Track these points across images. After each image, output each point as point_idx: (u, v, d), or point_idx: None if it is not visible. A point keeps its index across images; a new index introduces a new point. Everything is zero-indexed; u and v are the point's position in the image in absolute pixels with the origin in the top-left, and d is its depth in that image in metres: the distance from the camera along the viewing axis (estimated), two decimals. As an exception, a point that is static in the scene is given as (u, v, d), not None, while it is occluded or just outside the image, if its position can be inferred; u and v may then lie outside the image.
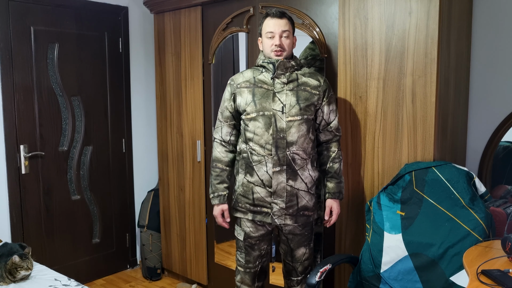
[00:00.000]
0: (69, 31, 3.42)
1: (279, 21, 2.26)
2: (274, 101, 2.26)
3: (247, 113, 2.31)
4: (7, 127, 3.17)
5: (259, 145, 2.28)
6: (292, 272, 2.48)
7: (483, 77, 2.52)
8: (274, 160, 2.26)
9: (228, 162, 2.43)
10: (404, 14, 2.24)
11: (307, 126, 2.29)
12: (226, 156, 2.42)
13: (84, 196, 3.64)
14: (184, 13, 3.29)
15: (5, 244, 2.63)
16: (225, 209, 2.43)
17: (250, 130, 2.30)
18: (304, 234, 2.41)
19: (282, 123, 2.25)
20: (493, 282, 1.58)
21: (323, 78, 2.36)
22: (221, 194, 2.42)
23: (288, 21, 2.29)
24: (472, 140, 2.59)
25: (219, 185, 2.42)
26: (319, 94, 2.30)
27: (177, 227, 3.57)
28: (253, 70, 2.38)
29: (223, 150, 2.43)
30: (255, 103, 2.29)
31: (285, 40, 2.28)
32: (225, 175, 2.42)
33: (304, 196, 2.33)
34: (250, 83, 2.34)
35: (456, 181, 2.11)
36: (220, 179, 2.42)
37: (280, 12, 2.29)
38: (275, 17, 2.27)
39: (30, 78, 3.25)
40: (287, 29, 2.27)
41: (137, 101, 3.89)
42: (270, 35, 2.27)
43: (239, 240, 2.46)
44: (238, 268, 2.52)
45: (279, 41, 2.26)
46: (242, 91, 2.34)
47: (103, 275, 3.81)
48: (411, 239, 2.11)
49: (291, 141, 2.26)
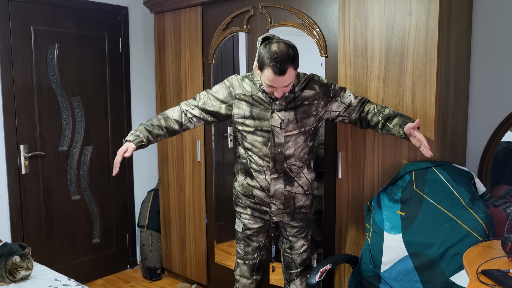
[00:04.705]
0: (69, 31, 3.42)
1: (282, 78, 2.04)
2: (273, 117, 2.22)
3: (245, 125, 2.29)
4: (7, 127, 3.17)
5: (258, 156, 2.30)
6: (291, 264, 2.51)
7: (483, 77, 2.52)
8: (272, 171, 2.29)
9: (171, 128, 2.33)
10: (404, 14, 2.24)
11: (304, 136, 2.28)
12: (175, 124, 2.34)
13: (84, 196, 3.64)
14: (184, 13, 3.29)
15: (5, 244, 2.63)
16: (131, 149, 2.24)
17: (248, 142, 2.31)
18: (302, 226, 2.46)
19: (280, 138, 2.24)
20: (493, 282, 1.58)
21: (318, 84, 2.26)
22: (140, 138, 2.27)
23: (292, 71, 2.06)
24: (472, 140, 2.59)
25: (145, 132, 2.29)
26: (318, 102, 2.25)
27: (177, 227, 3.57)
28: (251, 84, 2.27)
29: (177, 119, 2.34)
30: (253, 118, 2.26)
31: (287, 88, 2.12)
32: (157, 132, 2.31)
33: (301, 198, 2.38)
34: (248, 98, 2.26)
35: (456, 181, 2.11)
36: (152, 130, 2.30)
37: (283, 67, 2.01)
38: (276, 75, 2.03)
39: (30, 78, 3.25)
40: (289, 82, 2.09)
41: (137, 101, 3.89)
42: (271, 85, 2.09)
43: (238, 232, 2.50)
44: (237, 261, 2.56)
45: (280, 94, 2.12)
46: (240, 104, 2.28)
47: (103, 275, 3.81)
48: (411, 239, 2.11)
49: (289, 154, 2.27)
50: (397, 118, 2.16)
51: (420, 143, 2.07)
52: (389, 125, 2.16)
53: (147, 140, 2.30)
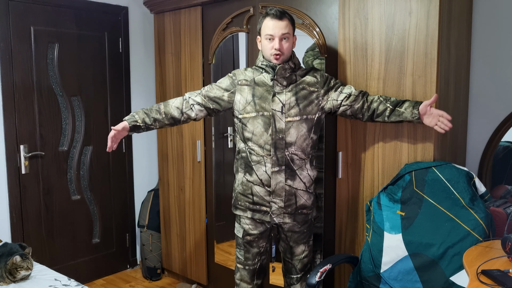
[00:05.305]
0: (69, 31, 3.42)
1: (279, 23, 2.21)
2: (274, 101, 2.26)
3: (246, 112, 2.31)
4: (7, 127, 3.17)
5: (258, 145, 2.29)
6: (292, 269, 2.49)
7: (483, 77, 2.52)
8: (273, 161, 2.27)
9: (170, 114, 2.37)
10: (404, 14, 2.24)
11: (307, 126, 2.28)
12: (175, 110, 2.37)
13: (84, 196, 3.64)
14: (184, 13, 3.29)
15: (5, 244, 2.63)
16: (125, 128, 2.36)
17: (249, 130, 2.30)
18: (303, 232, 2.42)
19: (281, 123, 2.25)
20: (493, 282, 1.58)
21: (319, 73, 2.34)
22: (135, 118, 2.36)
23: (288, 22, 2.24)
24: (472, 140, 2.59)
25: (141, 114, 2.36)
26: (318, 91, 2.30)
27: (177, 227, 3.57)
28: (253, 71, 2.37)
29: (178, 105, 2.38)
30: (254, 102, 2.29)
31: (285, 43, 2.24)
32: (155, 116, 2.36)
33: (302, 195, 2.34)
34: (250, 82, 2.33)
35: (456, 181, 2.10)
36: (149, 113, 2.36)
37: (281, 12, 2.23)
38: (275, 18, 2.21)
39: (30, 78, 3.25)
40: (287, 32, 2.23)
41: (137, 101, 3.89)
42: (270, 37, 2.24)
43: (238, 237, 2.47)
44: (237, 266, 2.53)
45: (278, 45, 2.22)
46: (242, 89, 2.34)
47: (103, 275, 3.82)
48: (411, 239, 2.11)
49: (290, 141, 2.26)
50: (407, 102, 2.19)
51: (437, 119, 2.10)
52: (399, 109, 2.18)
53: (143, 122, 2.35)
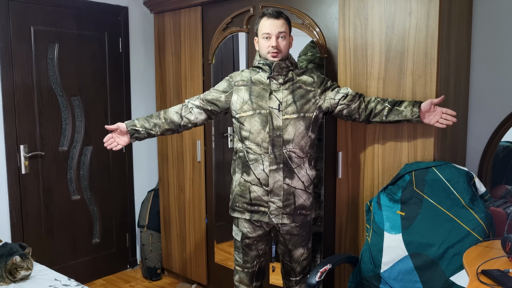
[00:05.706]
0: (69, 31, 3.42)
1: (276, 21, 2.25)
2: (271, 99, 2.28)
3: (243, 111, 2.31)
4: (7, 127, 3.17)
5: (255, 143, 2.29)
6: (291, 272, 2.48)
7: (483, 77, 2.52)
8: (271, 159, 2.27)
9: (169, 119, 2.40)
10: (404, 14, 2.24)
11: (305, 123, 2.29)
12: (174, 115, 2.41)
13: (84, 196, 3.64)
14: (184, 13, 3.29)
15: (5, 244, 2.63)
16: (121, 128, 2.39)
17: (246, 129, 2.31)
18: (302, 235, 2.41)
19: (279, 121, 2.26)
20: (493, 282, 1.58)
21: (316, 74, 2.36)
22: (134, 122, 2.40)
23: (285, 22, 2.28)
24: (472, 140, 2.59)
25: (142, 120, 2.40)
26: (315, 90, 2.31)
27: (177, 227, 3.57)
28: (250, 71, 2.40)
29: (177, 110, 2.42)
30: (251, 101, 2.30)
31: (282, 41, 2.27)
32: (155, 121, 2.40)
33: (301, 195, 2.33)
34: (247, 82, 2.35)
35: (456, 181, 2.10)
36: (149, 119, 2.41)
37: (277, 12, 2.27)
38: (271, 18, 2.25)
39: (30, 78, 3.25)
40: (284, 30, 2.26)
41: (137, 101, 3.89)
42: (267, 36, 2.27)
43: (236, 240, 2.47)
44: (236, 268, 2.52)
45: (275, 42, 2.25)
46: (239, 89, 2.36)
47: (103, 275, 3.81)
48: (411, 239, 2.11)
49: (288, 139, 2.26)
50: (406, 101, 2.21)
51: (439, 116, 2.12)
52: (398, 108, 2.20)
53: (142, 127, 2.39)
